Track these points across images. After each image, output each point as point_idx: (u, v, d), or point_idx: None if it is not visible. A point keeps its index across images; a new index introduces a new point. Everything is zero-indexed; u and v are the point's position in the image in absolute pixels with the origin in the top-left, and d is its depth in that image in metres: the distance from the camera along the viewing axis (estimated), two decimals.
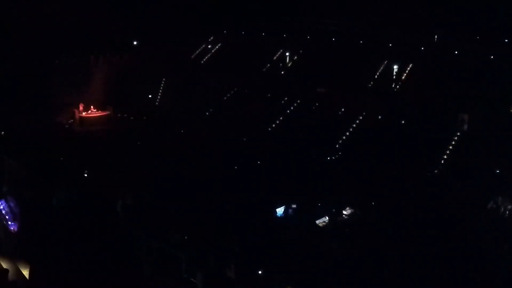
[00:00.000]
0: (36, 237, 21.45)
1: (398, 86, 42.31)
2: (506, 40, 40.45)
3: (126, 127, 43.55)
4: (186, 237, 22.63)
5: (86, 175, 30.63)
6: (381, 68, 43.42)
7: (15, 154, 30.70)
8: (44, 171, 29.22)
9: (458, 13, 40.88)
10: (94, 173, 30.84)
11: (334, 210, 29.19)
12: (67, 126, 44.10)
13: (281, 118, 42.14)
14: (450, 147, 34.14)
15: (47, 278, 18.83)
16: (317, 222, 28.21)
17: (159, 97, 49.01)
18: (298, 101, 43.18)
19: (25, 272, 19.43)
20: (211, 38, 53.22)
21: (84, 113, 44.47)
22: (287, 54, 48.98)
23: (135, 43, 50.69)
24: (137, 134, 40.53)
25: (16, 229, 21.53)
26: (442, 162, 33.11)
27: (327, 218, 28.46)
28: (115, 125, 44.13)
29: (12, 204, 23.06)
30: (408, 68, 42.29)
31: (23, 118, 37.69)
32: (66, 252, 20.17)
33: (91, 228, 22.27)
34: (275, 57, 49.21)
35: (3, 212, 22.87)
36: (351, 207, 29.37)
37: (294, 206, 29.28)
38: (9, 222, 22.12)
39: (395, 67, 42.24)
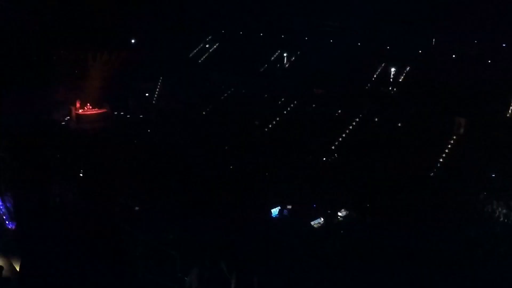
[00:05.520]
0: (30, 235, 21.40)
1: (395, 89, 42.42)
2: (504, 45, 40.60)
3: (123, 125, 43.50)
4: (180, 236, 22.61)
5: (81, 174, 30.56)
6: (379, 70, 43.56)
7: (10, 152, 30.58)
8: (39, 169, 29.15)
9: (456, 17, 40.99)
10: (90, 171, 30.78)
11: (329, 211, 29.21)
12: (63, 123, 43.98)
13: (278, 119, 42.19)
14: (447, 151, 34.25)
15: (39, 275, 18.74)
16: (312, 223, 28.22)
17: (156, 95, 48.99)
18: (295, 102, 43.25)
19: (19, 269, 19.36)
20: (209, 37, 53.26)
21: (80, 111, 44.32)
22: (285, 54, 49.07)
23: (133, 41, 50.63)
24: (134, 132, 40.48)
25: (14, 227, 21.47)
26: (438, 165, 33.21)
27: (322, 219, 28.47)
28: (112, 123, 44.05)
29: (9, 204, 22.98)
30: (406, 71, 42.43)
31: (19, 115, 37.56)
32: (60, 250, 20.11)
33: (86, 227, 22.22)
34: (272, 58, 49.29)
35: (0, 212, 22.78)
36: (346, 209, 29.38)
37: (289, 207, 29.27)
38: (7, 222, 22.06)
39: (393, 69, 42.38)
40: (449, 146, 34.59)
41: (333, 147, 37.51)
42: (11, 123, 36.36)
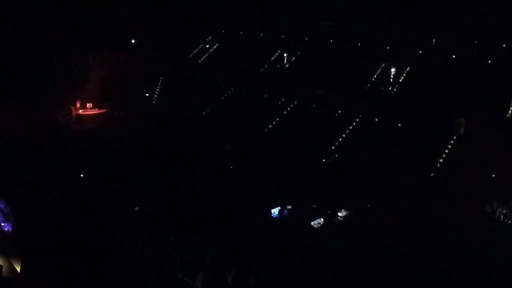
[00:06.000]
0: (28, 234, 21.39)
1: (395, 89, 42.38)
2: (504, 45, 40.57)
3: (122, 126, 43.44)
4: (180, 237, 22.61)
5: (81, 174, 30.53)
6: (379, 70, 43.52)
7: (10, 151, 30.59)
8: (39, 168, 29.14)
9: (456, 17, 40.96)
10: (90, 171, 30.76)
11: (329, 211, 29.19)
12: (63, 123, 43.95)
13: (278, 119, 42.16)
14: (447, 151, 34.21)
15: (39, 275, 18.72)
16: (312, 223, 28.21)
17: (156, 96, 48.95)
18: (295, 102, 43.23)
19: (19, 269, 19.34)
20: (209, 37, 53.23)
21: (80, 111, 44.29)
22: (285, 55, 49.03)
23: (133, 41, 50.60)
24: (134, 133, 40.41)
25: (10, 229, 21.37)
26: (438, 165, 33.18)
27: (322, 219, 28.45)
28: (112, 123, 44.02)
29: (2, 205, 22.83)
30: (406, 71, 42.38)
31: (19, 115, 37.55)
32: (59, 249, 20.11)
33: (85, 226, 22.23)
34: (272, 58, 49.24)
35: None
36: (346, 209, 29.37)
37: (289, 207, 29.25)
38: (2, 224, 21.94)
39: (393, 70, 42.32)
40: (449, 146, 34.55)
41: (333, 147, 37.47)
42: (12, 123, 36.39)
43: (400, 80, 41.99)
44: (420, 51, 43.58)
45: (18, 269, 19.31)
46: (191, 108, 44.82)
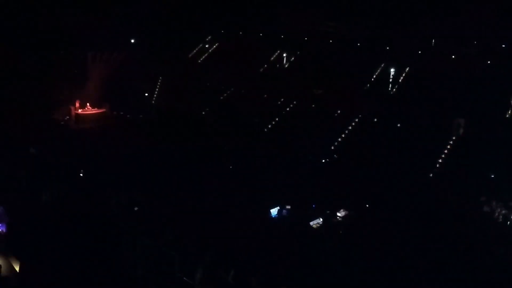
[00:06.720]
0: (26, 233, 21.40)
1: (394, 90, 42.36)
2: (504, 46, 40.53)
3: (122, 125, 43.45)
4: (179, 236, 22.61)
5: (81, 173, 30.52)
6: (378, 71, 43.48)
7: (9, 151, 30.60)
8: (38, 167, 29.16)
9: (456, 18, 40.92)
10: (88, 170, 30.75)
11: (328, 211, 29.16)
12: (62, 123, 43.94)
13: (277, 119, 42.15)
14: (446, 151, 34.21)
15: (37, 275, 18.74)
16: (311, 223, 28.18)
17: (155, 95, 48.92)
18: (294, 102, 43.21)
19: (18, 268, 19.36)
20: (209, 37, 53.20)
21: (80, 110, 44.27)
22: (285, 55, 49.00)
23: (132, 41, 50.52)
24: (133, 132, 40.43)
25: (4, 230, 21.35)
26: (437, 166, 33.17)
27: (321, 219, 28.42)
28: (112, 123, 44.00)
29: None
30: (405, 72, 42.35)
31: (18, 115, 37.59)
32: (57, 249, 20.12)
33: (83, 225, 22.23)
34: (272, 58, 49.19)
35: None
36: (345, 209, 29.34)
37: (288, 207, 29.22)
38: None
39: (392, 70, 42.29)
40: (449, 147, 34.55)
41: (332, 148, 37.47)
42: (11, 123, 36.38)
43: (400, 81, 41.94)
44: (420, 52, 43.51)
45: (17, 269, 19.34)
46: (190, 108, 44.78)
